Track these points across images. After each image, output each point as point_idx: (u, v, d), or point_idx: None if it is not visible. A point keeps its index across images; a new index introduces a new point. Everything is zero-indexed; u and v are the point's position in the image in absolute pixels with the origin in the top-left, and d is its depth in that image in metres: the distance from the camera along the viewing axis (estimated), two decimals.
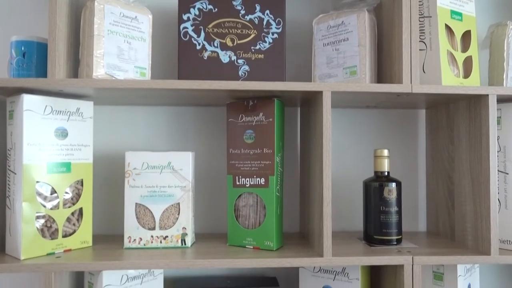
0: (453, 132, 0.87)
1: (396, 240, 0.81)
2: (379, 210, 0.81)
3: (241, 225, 0.81)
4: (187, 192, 0.80)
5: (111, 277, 0.75)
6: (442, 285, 0.80)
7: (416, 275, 0.73)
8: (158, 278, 0.82)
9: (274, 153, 0.77)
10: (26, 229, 0.71)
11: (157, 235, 0.79)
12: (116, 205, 0.94)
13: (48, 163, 0.74)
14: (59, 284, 0.71)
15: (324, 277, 0.82)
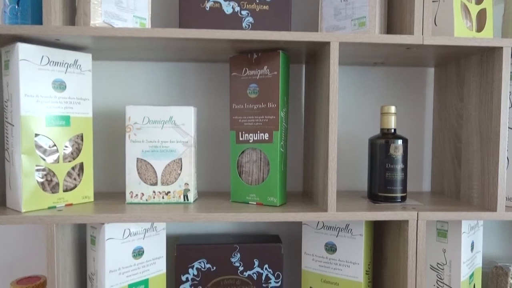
0: (462, 89, 0.84)
1: (401, 198, 0.80)
2: (385, 168, 0.80)
3: (244, 181, 0.80)
4: (189, 147, 0.78)
5: (114, 231, 0.74)
6: (445, 242, 0.80)
7: (421, 231, 0.72)
8: (161, 234, 0.82)
9: (278, 107, 0.75)
10: (26, 182, 0.70)
11: (159, 190, 0.79)
12: (117, 161, 0.93)
13: (47, 116, 0.72)
14: (61, 238, 0.71)
15: (327, 234, 0.81)
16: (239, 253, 0.84)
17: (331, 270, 0.81)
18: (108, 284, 0.74)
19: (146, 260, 0.80)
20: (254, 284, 0.84)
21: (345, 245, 0.79)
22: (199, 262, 0.84)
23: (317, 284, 0.83)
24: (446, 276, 0.80)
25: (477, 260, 0.86)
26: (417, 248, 0.73)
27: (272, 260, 0.84)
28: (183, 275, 0.84)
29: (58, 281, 0.69)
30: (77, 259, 0.78)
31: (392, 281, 0.79)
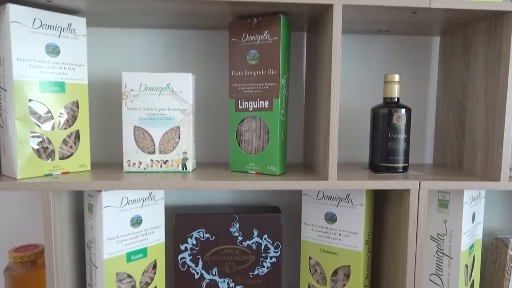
0: (469, 57, 0.82)
1: (403, 168, 0.79)
2: (387, 137, 0.78)
3: (243, 150, 0.78)
4: (187, 115, 0.77)
5: (111, 198, 0.73)
6: (447, 212, 0.79)
7: (422, 200, 0.71)
8: (159, 203, 0.81)
9: (279, 74, 0.73)
10: (21, 149, 0.68)
11: (157, 159, 0.77)
12: (114, 130, 0.91)
13: (41, 81, 0.70)
14: (58, 205, 0.70)
15: (328, 204, 0.81)
16: (238, 223, 0.83)
17: (330, 240, 0.81)
18: (106, 252, 0.73)
19: (145, 229, 0.79)
20: (253, 254, 0.84)
21: (345, 215, 0.79)
22: (198, 231, 0.83)
23: (316, 254, 0.82)
24: (446, 246, 0.79)
25: (477, 231, 0.85)
26: (418, 218, 0.72)
27: (271, 230, 0.84)
28: (182, 245, 0.83)
29: (56, 248, 0.69)
30: (75, 227, 0.78)
31: (392, 251, 0.79)
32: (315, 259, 0.83)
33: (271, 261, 0.84)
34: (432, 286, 0.82)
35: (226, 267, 0.84)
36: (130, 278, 0.78)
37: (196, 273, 0.84)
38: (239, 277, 0.84)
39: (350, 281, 0.79)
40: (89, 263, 0.77)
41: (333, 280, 0.81)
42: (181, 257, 0.83)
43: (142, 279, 0.80)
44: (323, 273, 0.82)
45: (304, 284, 0.85)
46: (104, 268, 0.73)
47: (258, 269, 0.85)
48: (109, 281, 0.74)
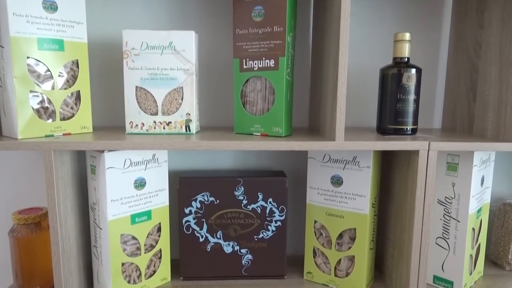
0: (483, 14, 0.78)
1: (411, 130, 0.77)
2: (396, 98, 0.76)
3: (248, 111, 0.76)
4: (190, 75, 0.74)
5: (114, 159, 0.72)
6: (455, 175, 0.77)
7: (431, 162, 0.70)
8: (163, 166, 0.80)
9: (285, 31, 0.70)
10: (21, 109, 0.67)
11: (160, 120, 0.75)
12: (115, 93, 0.89)
13: (39, 38, 0.67)
14: (60, 166, 0.69)
15: (334, 167, 0.79)
16: (242, 187, 0.82)
17: (336, 203, 0.80)
18: (110, 214, 0.73)
19: (149, 191, 0.78)
20: (258, 218, 0.83)
21: (352, 177, 0.77)
22: (202, 195, 0.82)
23: (321, 217, 0.82)
24: (453, 209, 0.78)
25: (486, 195, 0.84)
26: (427, 180, 0.70)
27: (276, 193, 0.83)
28: (186, 208, 0.83)
29: (59, 209, 0.68)
30: (78, 190, 0.77)
31: (398, 214, 0.78)
32: (320, 223, 0.82)
33: (276, 225, 0.84)
34: (438, 249, 0.81)
35: (230, 230, 0.84)
36: (135, 240, 0.78)
37: (200, 236, 0.84)
38: (244, 241, 0.84)
39: (356, 243, 0.78)
40: (93, 224, 0.76)
41: (338, 243, 0.81)
42: (186, 220, 0.83)
43: (146, 242, 0.80)
44: (328, 236, 0.82)
45: (309, 247, 0.85)
46: (109, 230, 0.73)
47: (263, 232, 0.84)
48: (113, 243, 0.74)
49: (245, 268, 0.85)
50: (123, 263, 0.76)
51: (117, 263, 0.75)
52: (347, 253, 0.80)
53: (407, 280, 0.74)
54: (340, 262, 0.81)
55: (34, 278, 0.79)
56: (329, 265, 0.82)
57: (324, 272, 0.83)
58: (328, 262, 0.82)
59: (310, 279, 0.85)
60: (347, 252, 0.80)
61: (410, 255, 0.72)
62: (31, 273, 0.79)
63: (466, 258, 0.78)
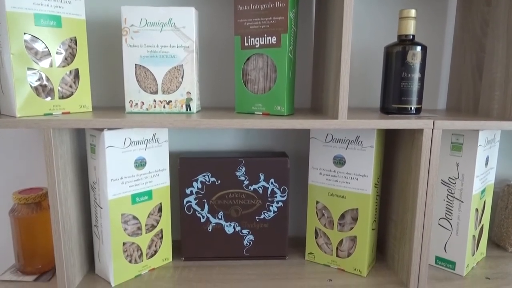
0: None
1: (416, 110, 0.76)
2: (400, 77, 0.74)
3: (249, 90, 0.75)
4: (190, 53, 0.73)
5: (114, 138, 0.71)
6: (460, 156, 0.76)
7: (436, 141, 0.69)
8: (163, 146, 0.80)
9: (287, 7, 0.69)
10: (19, 86, 0.65)
11: (160, 99, 0.74)
12: (115, 73, 0.88)
13: (36, 14, 0.66)
14: (59, 144, 0.68)
15: (336, 147, 0.78)
16: (244, 167, 0.82)
17: (338, 184, 0.79)
18: (110, 193, 0.72)
19: (149, 171, 0.78)
20: (259, 198, 0.83)
21: (355, 157, 0.76)
22: (203, 175, 0.82)
23: (324, 198, 0.81)
24: (457, 190, 0.77)
25: (490, 176, 0.83)
26: (431, 159, 0.69)
27: (278, 174, 0.82)
28: (187, 188, 0.82)
29: (59, 188, 0.68)
30: (78, 169, 0.76)
31: (401, 194, 0.77)
32: (323, 203, 0.82)
33: (278, 206, 0.83)
34: (441, 230, 0.81)
35: (232, 211, 0.83)
36: (136, 220, 0.77)
37: (202, 216, 0.83)
38: (245, 221, 0.84)
39: (358, 224, 0.78)
40: (93, 204, 0.76)
41: (340, 223, 0.80)
42: (187, 200, 0.82)
43: (147, 222, 0.79)
44: (330, 217, 0.81)
45: (311, 228, 0.84)
46: (109, 209, 0.72)
47: (265, 213, 0.84)
48: (114, 222, 0.74)
49: (247, 249, 0.85)
50: (124, 242, 0.76)
51: (118, 242, 0.75)
52: (349, 234, 0.79)
53: (409, 260, 0.74)
54: (342, 243, 0.81)
55: (35, 258, 0.79)
56: (331, 246, 0.82)
57: (326, 252, 0.83)
58: (330, 243, 0.82)
59: (312, 259, 0.85)
60: (349, 232, 0.79)
61: (413, 236, 0.72)
62: (32, 253, 0.79)
63: (469, 239, 0.78)
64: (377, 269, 0.82)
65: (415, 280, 0.74)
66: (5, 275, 0.79)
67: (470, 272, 0.81)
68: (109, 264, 0.75)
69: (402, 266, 0.77)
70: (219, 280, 0.77)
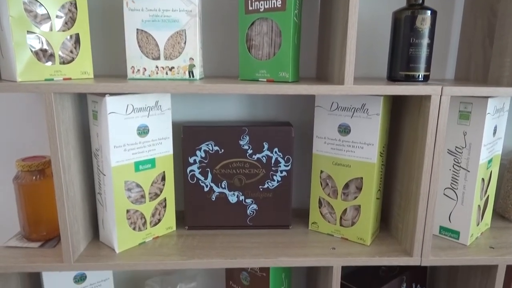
0: None
1: (424, 77, 0.74)
2: (409, 43, 0.72)
3: (253, 56, 0.73)
4: (193, 17, 0.71)
5: (116, 105, 0.70)
6: (467, 124, 0.75)
7: (443, 107, 0.67)
8: (166, 113, 0.79)
9: None
10: (19, 50, 0.64)
11: (163, 65, 0.73)
12: (115, 39, 0.86)
13: None
14: (61, 110, 0.67)
15: (342, 115, 0.77)
16: (247, 136, 0.81)
17: (343, 153, 0.78)
18: (113, 160, 0.72)
19: (152, 139, 0.77)
20: (263, 168, 0.82)
21: (360, 126, 0.75)
22: (207, 144, 0.81)
23: (328, 167, 0.80)
24: (464, 159, 0.76)
25: (497, 146, 0.82)
26: (438, 127, 0.68)
27: (282, 143, 0.81)
28: (191, 157, 0.82)
29: (62, 154, 0.67)
30: (81, 136, 0.76)
31: (406, 163, 0.76)
32: (327, 173, 0.81)
33: (282, 175, 0.83)
34: (446, 200, 0.80)
35: (235, 180, 0.83)
36: (139, 188, 0.77)
37: (205, 186, 0.83)
38: (249, 191, 0.83)
39: (362, 193, 0.77)
40: (97, 171, 0.76)
41: (344, 193, 0.80)
42: (190, 170, 0.82)
43: (151, 190, 0.79)
44: (335, 186, 0.80)
45: (315, 198, 0.84)
46: (112, 176, 0.72)
47: (268, 182, 0.83)
48: (117, 189, 0.73)
49: (250, 218, 0.85)
50: (128, 210, 0.76)
51: (121, 209, 0.75)
52: (353, 203, 0.79)
53: (413, 229, 0.73)
54: (345, 212, 0.80)
55: (40, 225, 0.79)
56: (335, 215, 0.81)
57: (330, 222, 0.83)
58: (334, 212, 0.82)
59: (315, 229, 0.85)
60: (353, 201, 0.79)
61: (418, 204, 0.71)
62: (37, 221, 0.79)
63: (474, 209, 0.77)
64: (380, 239, 0.82)
65: (418, 249, 0.74)
66: (10, 242, 0.79)
67: (474, 242, 0.81)
68: (113, 231, 0.75)
69: (406, 235, 0.77)
70: (222, 247, 0.77)
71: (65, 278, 0.82)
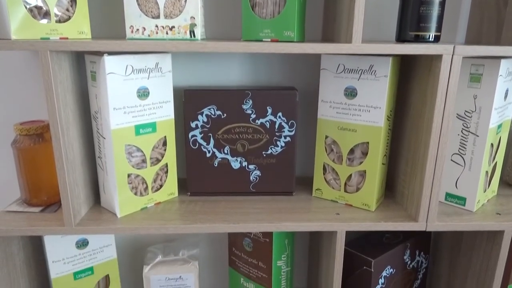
0: None
1: (434, 37, 0.71)
2: (420, 0, 0.69)
3: (257, 15, 0.70)
4: None
5: (115, 65, 0.68)
6: (478, 87, 0.73)
7: (455, 68, 0.65)
8: (167, 76, 0.76)
9: None
10: (13, 6, 0.62)
11: (163, 25, 0.70)
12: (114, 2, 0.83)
13: None
14: (58, 69, 0.65)
15: (348, 78, 0.74)
16: (251, 100, 0.78)
17: (349, 117, 0.76)
18: (113, 123, 0.70)
19: (152, 102, 0.75)
20: (266, 133, 0.81)
21: (367, 88, 0.73)
22: (209, 108, 0.79)
23: (333, 132, 0.78)
24: (473, 124, 0.74)
25: (508, 111, 0.79)
26: (448, 88, 0.65)
27: (286, 108, 0.79)
28: (192, 122, 0.80)
29: (60, 116, 0.65)
30: (79, 99, 0.74)
31: (414, 128, 0.74)
32: (332, 138, 0.79)
33: (285, 141, 0.81)
34: (453, 166, 0.78)
35: (238, 145, 0.81)
36: (140, 152, 0.76)
37: (207, 151, 0.82)
38: (252, 156, 0.82)
39: (368, 158, 0.76)
40: (96, 134, 0.74)
41: (349, 158, 0.78)
42: (192, 134, 0.80)
43: (152, 155, 0.78)
44: (339, 152, 0.79)
45: (319, 164, 0.82)
46: (112, 139, 0.70)
47: (272, 148, 0.82)
48: (118, 153, 0.72)
49: (253, 184, 0.84)
50: (129, 174, 0.75)
51: (122, 174, 0.74)
52: (358, 168, 0.77)
53: (419, 194, 0.72)
54: (350, 178, 0.79)
55: (40, 190, 0.78)
56: (339, 181, 0.80)
57: (334, 188, 0.81)
58: (338, 178, 0.80)
59: (319, 195, 0.84)
60: (359, 167, 0.77)
61: (425, 168, 0.70)
62: (37, 186, 0.78)
63: (481, 174, 0.76)
64: (385, 205, 0.81)
65: (424, 214, 0.72)
66: (11, 207, 0.79)
67: (481, 208, 0.80)
68: (114, 196, 0.74)
69: (411, 200, 0.76)
70: (225, 213, 0.77)
71: (67, 244, 0.82)
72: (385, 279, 0.84)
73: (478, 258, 0.82)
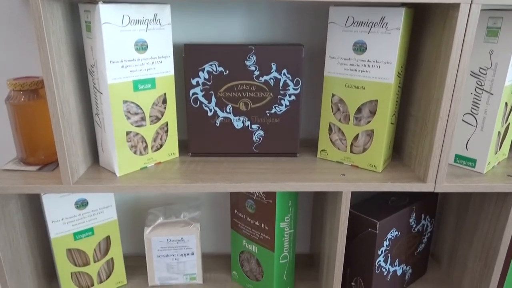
0: None
1: None
2: None
3: None
4: None
5: (111, 14, 0.64)
6: (495, 42, 0.69)
7: (473, 17, 0.60)
8: (166, 29, 0.72)
9: None
10: None
11: None
12: None
13: None
14: (50, 18, 0.61)
15: (358, 31, 0.70)
16: (254, 56, 0.75)
17: (358, 73, 0.72)
18: (110, 77, 0.67)
19: (151, 56, 0.71)
20: (270, 91, 0.77)
21: (378, 42, 0.69)
22: (210, 64, 0.75)
23: (340, 90, 0.75)
24: (488, 81, 0.71)
25: None
26: (465, 40, 0.62)
27: (291, 64, 0.75)
28: (193, 79, 0.76)
29: (54, 68, 0.62)
30: (75, 53, 0.70)
31: (425, 84, 0.71)
32: (339, 96, 0.76)
33: (290, 99, 0.78)
34: (465, 127, 0.75)
35: (241, 104, 0.78)
36: (139, 109, 0.73)
37: (209, 110, 0.79)
38: (255, 116, 0.79)
39: (376, 117, 0.72)
40: (93, 90, 0.71)
41: (356, 117, 0.75)
42: (193, 92, 0.77)
43: (151, 113, 0.75)
44: (346, 111, 0.76)
45: (325, 124, 0.79)
46: (110, 94, 0.67)
47: (276, 107, 0.78)
48: (116, 108, 0.69)
49: (256, 145, 0.81)
50: (128, 132, 0.72)
51: (121, 131, 0.71)
52: (365, 128, 0.74)
53: (429, 154, 0.69)
54: (357, 138, 0.76)
55: (37, 149, 0.76)
56: (345, 142, 0.77)
57: (340, 149, 0.79)
58: (344, 139, 0.77)
59: (324, 157, 0.81)
60: (366, 126, 0.74)
61: (436, 126, 0.67)
62: (34, 144, 0.76)
63: (494, 135, 0.73)
64: (392, 166, 0.78)
65: (433, 175, 0.70)
66: (7, 165, 0.76)
67: (491, 170, 0.77)
68: (113, 154, 0.72)
69: (420, 161, 0.73)
70: (227, 173, 0.74)
71: (66, 204, 0.80)
72: (389, 242, 0.82)
73: (485, 222, 0.81)
